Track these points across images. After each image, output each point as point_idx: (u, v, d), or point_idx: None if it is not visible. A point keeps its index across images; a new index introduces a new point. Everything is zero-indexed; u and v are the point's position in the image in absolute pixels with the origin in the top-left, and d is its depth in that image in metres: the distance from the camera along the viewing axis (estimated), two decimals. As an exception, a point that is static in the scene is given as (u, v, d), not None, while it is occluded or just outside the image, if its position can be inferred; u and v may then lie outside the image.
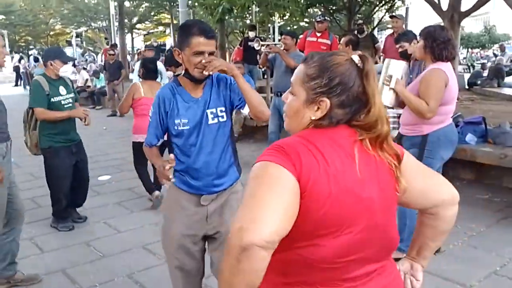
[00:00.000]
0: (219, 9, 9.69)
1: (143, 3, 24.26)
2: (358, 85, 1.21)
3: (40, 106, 3.95)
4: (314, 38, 7.47)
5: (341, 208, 1.14)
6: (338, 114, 1.22)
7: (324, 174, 1.13)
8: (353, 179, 1.16)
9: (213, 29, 2.20)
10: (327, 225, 1.14)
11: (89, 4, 32.50)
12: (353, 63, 1.21)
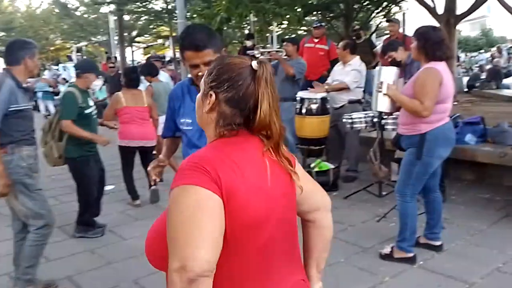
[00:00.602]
0: (217, 19, 9.79)
1: (142, 16, 24.44)
2: (247, 86, 1.23)
3: (70, 118, 4.02)
4: (312, 44, 7.55)
5: (255, 218, 1.19)
6: (226, 112, 1.25)
7: (241, 187, 1.17)
8: (265, 188, 1.22)
9: (211, 35, 2.08)
10: (244, 233, 1.19)
11: (88, 19, 32.73)
12: (249, 66, 1.25)
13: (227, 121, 1.25)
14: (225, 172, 1.15)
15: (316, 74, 7.43)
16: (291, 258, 1.35)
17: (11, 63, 3.12)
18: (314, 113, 5.46)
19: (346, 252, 3.72)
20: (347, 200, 5.02)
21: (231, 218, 1.15)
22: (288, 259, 1.33)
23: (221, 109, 1.25)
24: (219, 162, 1.17)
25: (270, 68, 1.27)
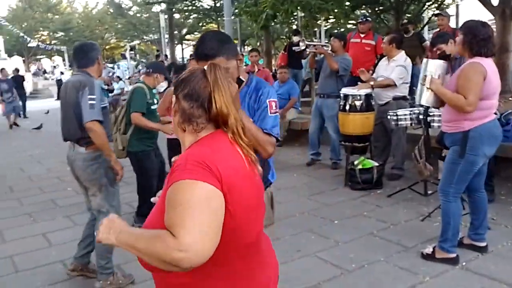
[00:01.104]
0: (263, 16, 9.83)
1: (191, 14, 24.90)
2: (198, 80, 1.39)
3: (141, 111, 4.27)
4: (358, 39, 7.44)
5: (250, 206, 1.35)
6: (185, 107, 1.38)
7: (236, 179, 1.30)
8: (247, 174, 1.37)
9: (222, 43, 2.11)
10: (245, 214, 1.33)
11: (141, 18, 33.76)
12: (201, 69, 1.43)
13: (187, 115, 1.38)
14: (223, 167, 1.27)
15: (362, 70, 7.33)
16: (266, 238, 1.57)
17: (87, 64, 3.29)
18: (358, 109, 5.39)
19: (387, 251, 3.67)
20: (391, 198, 4.93)
21: (232, 208, 1.26)
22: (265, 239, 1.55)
23: (181, 105, 1.40)
24: (217, 158, 1.29)
25: (222, 70, 1.43)
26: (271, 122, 2.19)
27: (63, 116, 3.32)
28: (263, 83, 2.29)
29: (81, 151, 3.20)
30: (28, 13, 36.96)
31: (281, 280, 3.21)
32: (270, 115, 2.20)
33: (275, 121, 2.21)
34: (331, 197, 5.12)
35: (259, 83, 2.28)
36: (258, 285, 1.44)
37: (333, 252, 3.71)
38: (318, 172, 6.21)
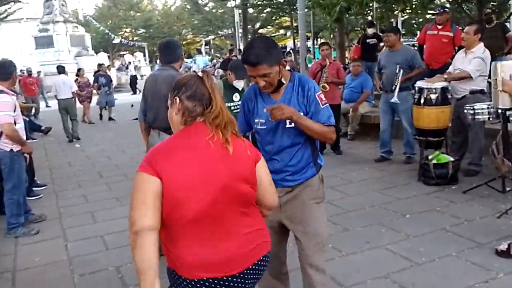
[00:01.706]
0: (336, 9, 9.81)
1: (265, 8, 25.20)
2: (198, 85, 1.74)
3: None
4: (435, 31, 7.22)
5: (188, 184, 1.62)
6: (189, 106, 1.72)
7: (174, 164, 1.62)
8: (196, 159, 1.65)
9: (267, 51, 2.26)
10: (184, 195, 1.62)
11: (216, 14, 34.64)
12: (196, 75, 1.79)
13: (189, 113, 1.72)
14: (160, 158, 1.63)
15: (439, 63, 7.14)
16: (245, 212, 1.77)
17: (174, 60, 3.64)
18: (433, 103, 5.30)
19: (459, 246, 3.64)
20: (466, 194, 4.82)
21: (169, 186, 1.60)
22: (241, 213, 1.75)
23: (184, 105, 1.73)
24: (160, 151, 1.66)
25: (211, 76, 1.81)
26: (326, 114, 2.37)
27: (151, 106, 3.65)
28: (306, 79, 2.44)
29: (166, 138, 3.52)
30: (113, 12, 39.29)
31: (350, 269, 3.35)
32: (322, 107, 2.37)
33: (328, 111, 2.39)
34: (403, 192, 5.10)
35: (302, 79, 2.43)
36: (222, 259, 1.68)
37: (403, 245, 3.74)
38: (390, 166, 6.18)
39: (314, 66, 7.19)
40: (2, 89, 4.33)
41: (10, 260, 3.99)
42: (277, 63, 2.30)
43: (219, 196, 1.66)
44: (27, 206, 4.87)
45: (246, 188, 1.75)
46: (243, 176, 1.73)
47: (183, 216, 1.62)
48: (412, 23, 24.75)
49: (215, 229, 1.68)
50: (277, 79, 2.33)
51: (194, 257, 1.65)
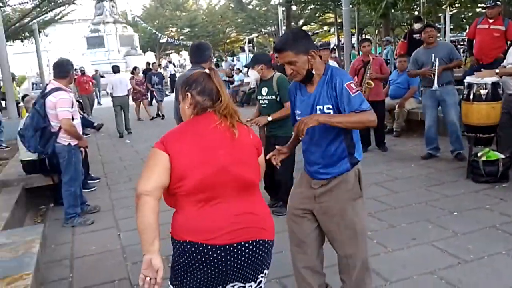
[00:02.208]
0: (382, 4, 9.68)
1: (309, 5, 25.05)
2: (206, 81, 1.97)
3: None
4: (486, 25, 6.99)
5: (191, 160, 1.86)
6: (199, 100, 1.95)
7: (183, 144, 1.88)
8: (201, 141, 1.88)
9: (294, 39, 2.39)
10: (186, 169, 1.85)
11: (260, 12, 34.78)
12: (204, 72, 2.01)
13: (200, 106, 1.96)
14: (171, 138, 1.90)
15: (490, 57, 6.93)
16: (241, 195, 1.94)
17: (203, 61, 3.84)
18: (483, 99, 5.16)
19: (509, 244, 3.56)
20: (518, 192, 4.68)
21: (175, 162, 1.85)
22: (236, 195, 1.93)
23: (195, 100, 1.96)
24: (172, 133, 1.95)
25: (217, 72, 2.03)
26: (358, 101, 2.34)
27: (176, 105, 3.79)
28: (337, 71, 2.46)
29: None
30: (160, 12, 40.23)
31: (396, 265, 3.36)
32: (353, 95, 2.35)
33: (360, 97, 2.36)
34: (451, 189, 5.01)
35: (334, 71, 2.45)
36: (205, 228, 1.88)
37: (450, 242, 3.69)
38: (437, 163, 6.06)
39: (356, 63, 7.14)
40: (60, 87, 4.59)
41: (68, 248, 4.24)
42: (305, 53, 2.37)
43: (216, 176, 1.88)
44: (83, 198, 5.14)
45: (247, 173, 1.95)
46: (242, 160, 1.94)
47: (182, 188, 1.87)
48: (461, 17, 23.96)
49: (207, 204, 1.89)
50: (304, 69, 2.40)
51: (183, 222, 1.90)
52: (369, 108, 2.35)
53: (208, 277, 1.89)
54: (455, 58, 5.93)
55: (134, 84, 12.84)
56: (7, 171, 5.97)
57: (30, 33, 18.17)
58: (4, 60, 9.17)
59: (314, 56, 2.41)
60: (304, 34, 2.49)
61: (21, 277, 2.73)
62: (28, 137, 4.65)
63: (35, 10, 16.15)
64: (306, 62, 2.39)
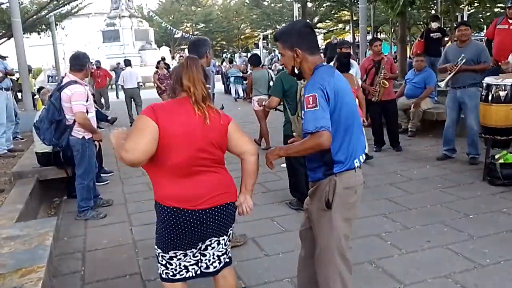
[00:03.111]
0: (400, 2, 9.55)
1: (325, 2, 24.90)
2: (180, 67, 2.35)
3: (275, 96, 4.76)
4: (506, 26, 6.86)
5: (176, 137, 2.16)
6: (172, 83, 2.33)
7: (168, 120, 2.16)
8: (183, 121, 2.18)
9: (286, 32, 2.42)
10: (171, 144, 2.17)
11: (275, 8, 34.68)
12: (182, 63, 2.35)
13: (172, 90, 2.33)
14: (160, 112, 2.18)
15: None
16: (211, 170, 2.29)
17: (200, 57, 3.73)
18: (502, 100, 5.06)
19: (527, 249, 3.49)
20: (536, 196, 4.59)
21: (162, 133, 2.14)
22: (208, 170, 2.28)
23: (175, 86, 2.32)
24: (160, 107, 2.22)
25: (194, 61, 2.35)
26: (306, 120, 2.23)
27: None
28: (314, 77, 2.31)
29: None
30: (175, 7, 40.34)
31: (410, 267, 3.31)
32: (306, 110, 2.23)
33: (309, 116, 2.21)
34: (466, 191, 4.93)
35: (314, 77, 2.32)
36: (190, 196, 2.23)
37: (466, 246, 3.63)
38: (453, 165, 5.97)
39: (366, 63, 7.07)
40: (76, 80, 4.60)
41: (80, 241, 4.26)
42: (290, 48, 2.35)
43: (195, 154, 2.20)
44: (96, 191, 5.16)
45: (217, 151, 2.29)
46: (215, 142, 2.26)
47: (166, 160, 2.18)
48: (479, 17, 23.61)
49: (187, 176, 2.23)
50: (289, 65, 2.40)
51: (169, 190, 2.23)
52: (315, 130, 2.18)
53: (192, 235, 2.28)
54: (482, 61, 5.75)
55: (157, 79, 12.62)
56: (22, 163, 6.02)
57: (46, 26, 18.30)
58: (21, 52, 9.25)
59: (299, 56, 2.34)
60: (295, 28, 2.40)
61: (34, 270, 2.73)
62: (43, 129, 4.67)
63: (52, 2, 16.24)
64: (292, 59, 2.36)
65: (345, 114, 2.29)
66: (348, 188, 2.35)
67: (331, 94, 2.23)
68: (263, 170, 2.48)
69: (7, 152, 7.30)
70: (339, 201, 2.34)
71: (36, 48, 28.89)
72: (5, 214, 4.22)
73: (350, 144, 2.33)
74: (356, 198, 2.42)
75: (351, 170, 2.35)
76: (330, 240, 2.40)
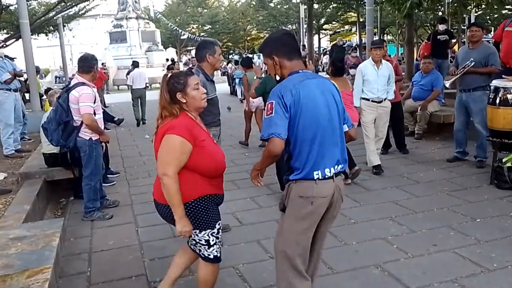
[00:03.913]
0: (407, 4, 9.51)
1: (331, 4, 24.88)
2: None
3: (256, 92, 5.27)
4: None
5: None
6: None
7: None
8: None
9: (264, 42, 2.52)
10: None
11: (281, 10, 34.67)
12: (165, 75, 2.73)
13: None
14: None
15: (517, 61, 6.73)
16: None
17: (201, 60, 3.87)
18: (510, 103, 5.03)
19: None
20: (544, 200, 4.55)
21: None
22: None
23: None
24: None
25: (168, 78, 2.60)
26: (263, 127, 2.32)
27: None
28: (280, 84, 2.36)
29: None
30: (182, 8, 40.41)
31: (416, 271, 3.30)
32: (264, 117, 2.33)
33: (264, 123, 2.31)
34: (473, 195, 4.89)
35: (279, 84, 2.38)
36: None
37: (473, 250, 3.61)
38: (460, 168, 5.94)
39: None
40: (83, 81, 4.63)
41: (86, 242, 4.27)
42: (269, 57, 2.43)
43: None
44: (103, 192, 5.18)
45: None
46: None
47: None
48: (486, 19, 23.49)
49: None
50: (272, 73, 2.49)
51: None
52: (267, 137, 2.26)
53: None
54: (490, 64, 5.70)
55: None
56: (30, 163, 6.05)
57: (54, 27, 18.41)
58: (29, 53, 9.30)
59: (276, 62, 2.39)
60: (276, 37, 2.46)
61: (40, 271, 2.75)
62: (51, 130, 4.70)
63: (60, 4, 16.34)
64: (272, 66, 2.43)
65: (304, 122, 2.27)
66: (302, 197, 2.32)
67: (288, 102, 2.25)
68: (269, 172, 2.50)
69: (15, 152, 7.34)
70: (292, 207, 2.37)
71: (43, 49, 29.10)
72: (12, 215, 4.25)
73: (310, 154, 2.30)
74: (312, 209, 2.34)
75: (308, 180, 2.31)
76: (279, 241, 2.49)
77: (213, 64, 3.85)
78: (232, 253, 3.78)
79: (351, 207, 4.73)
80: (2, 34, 17.00)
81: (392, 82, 6.01)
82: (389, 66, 6.02)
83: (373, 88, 5.82)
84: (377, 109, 5.89)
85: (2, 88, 7.35)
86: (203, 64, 3.84)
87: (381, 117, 5.97)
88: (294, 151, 2.32)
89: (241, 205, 4.96)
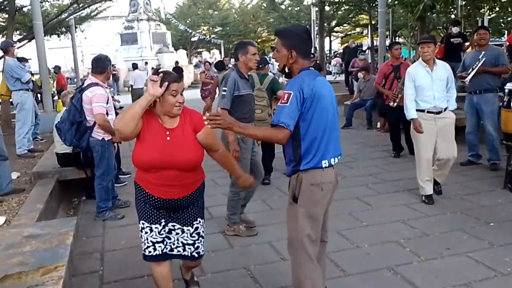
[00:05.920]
0: (420, 7, 9.47)
1: (343, 6, 24.79)
2: None
3: None
4: (529, 30, 6.75)
5: None
6: None
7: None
8: None
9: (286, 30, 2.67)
10: None
11: (292, 12, 34.65)
12: None
13: None
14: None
15: (531, 63, 6.67)
16: None
17: (236, 59, 4.16)
18: (525, 107, 4.97)
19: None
20: (559, 205, 4.49)
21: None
22: None
23: None
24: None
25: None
26: (278, 112, 2.42)
27: None
28: (297, 77, 2.49)
29: None
30: (192, 10, 40.56)
31: (429, 275, 3.27)
32: (279, 104, 2.45)
33: (281, 109, 2.40)
34: (487, 199, 4.85)
35: (297, 76, 2.51)
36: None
37: (486, 254, 3.57)
38: (473, 171, 5.88)
39: (385, 68, 7.02)
40: (97, 82, 4.66)
41: (99, 242, 4.30)
42: (287, 47, 2.51)
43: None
44: (114, 192, 5.21)
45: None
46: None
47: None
48: (500, 22, 23.27)
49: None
50: (282, 62, 2.56)
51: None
52: (276, 123, 2.39)
53: None
54: (501, 64, 5.68)
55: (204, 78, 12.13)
56: (42, 163, 6.11)
57: (66, 29, 18.59)
58: (42, 54, 9.41)
59: (293, 57, 2.51)
60: (297, 33, 2.56)
61: (55, 268, 2.77)
62: (65, 130, 4.74)
63: (72, 6, 16.50)
64: (286, 58, 2.52)
65: (318, 117, 2.44)
66: (313, 184, 2.49)
67: (306, 96, 2.40)
68: (277, 174, 2.51)
69: (28, 152, 7.42)
70: (304, 196, 2.50)
71: (55, 51, 29.36)
72: (26, 214, 4.29)
73: (320, 145, 2.47)
74: (323, 195, 2.52)
75: (317, 169, 2.48)
76: (295, 233, 2.54)
77: (246, 63, 4.05)
78: (243, 254, 3.79)
79: (363, 209, 4.72)
80: (16, 35, 17.19)
81: (453, 87, 4.82)
82: (446, 67, 4.81)
83: (427, 96, 4.67)
84: (435, 121, 4.70)
85: (22, 88, 7.47)
86: (238, 63, 4.10)
87: (442, 131, 4.73)
88: (304, 142, 2.47)
89: (253, 207, 4.95)
